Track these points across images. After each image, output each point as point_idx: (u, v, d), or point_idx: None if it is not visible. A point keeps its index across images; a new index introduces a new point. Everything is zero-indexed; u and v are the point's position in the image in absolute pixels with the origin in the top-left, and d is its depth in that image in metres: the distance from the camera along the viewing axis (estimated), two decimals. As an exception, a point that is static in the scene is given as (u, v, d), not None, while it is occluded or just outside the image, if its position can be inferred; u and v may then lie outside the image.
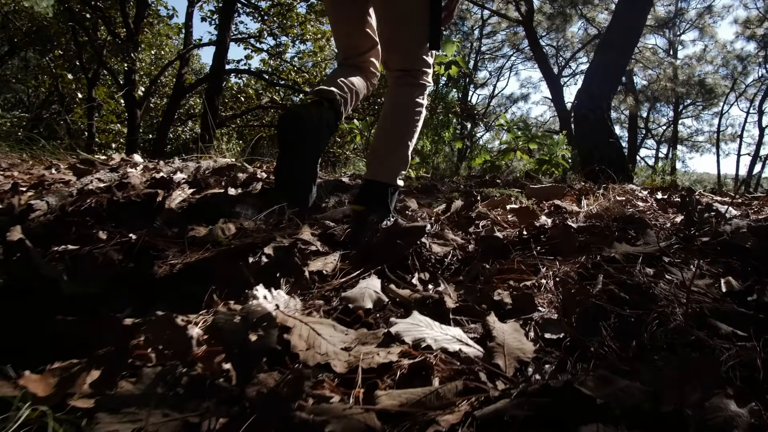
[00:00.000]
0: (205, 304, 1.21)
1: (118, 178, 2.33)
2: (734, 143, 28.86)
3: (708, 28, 23.14)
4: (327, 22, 17.20)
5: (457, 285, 1.32)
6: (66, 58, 15.98)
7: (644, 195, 2.76)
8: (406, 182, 2.78)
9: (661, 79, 20.92)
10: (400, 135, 2.01)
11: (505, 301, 1.22)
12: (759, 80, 25.58)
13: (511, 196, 2.21)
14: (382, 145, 2.03)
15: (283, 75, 17.06)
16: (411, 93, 2.02)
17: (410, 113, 2.02)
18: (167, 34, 18.43)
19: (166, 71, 17.73)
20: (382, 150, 2.02)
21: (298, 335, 1.03)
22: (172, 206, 2.03)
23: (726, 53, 25.27)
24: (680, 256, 1.59)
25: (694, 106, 28.00)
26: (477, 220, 1.92)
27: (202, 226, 1.82)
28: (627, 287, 1.31)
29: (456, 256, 1.50)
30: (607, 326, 1.15)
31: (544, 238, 1.69)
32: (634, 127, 25.10)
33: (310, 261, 1.41)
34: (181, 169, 2.63)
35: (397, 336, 1.05)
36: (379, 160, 2.01)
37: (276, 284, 1.32)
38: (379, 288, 1.28)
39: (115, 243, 1.55)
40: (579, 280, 1.37)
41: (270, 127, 18.38)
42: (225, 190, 2.21)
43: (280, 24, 16.96)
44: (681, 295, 1.34)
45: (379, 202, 1.92)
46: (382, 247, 1.46)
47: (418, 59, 2.02)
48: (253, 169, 3.02)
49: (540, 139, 7.11)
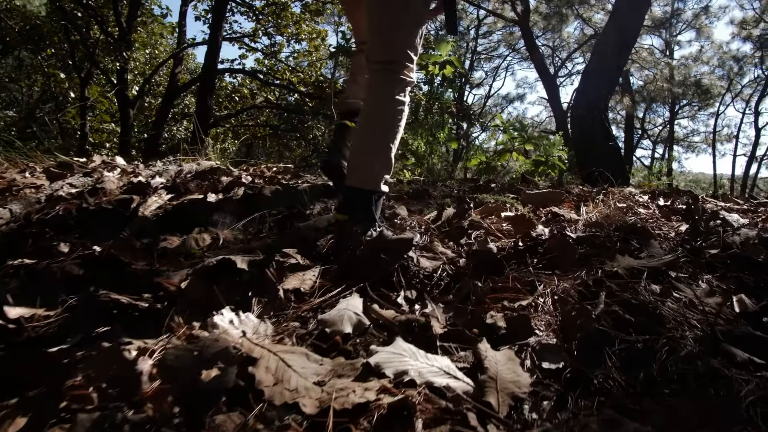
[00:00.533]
0: (166, 327, 1.09)
1: (91, 183, 2.21)
2: (730, 144, 28.87)
3: (705, 28, 23.10)
4: (322, 21, 17.01)
5: (446, 305, 1.21)
6: (59, 57, 15.81)
7: (645, 200, 2.65)
8: (396, 186, 2.66)
9: (657, 79, 20.85)
10: (382, 137, 1.86)
11: (499, 324, 1.11)
12: (755, 81, 25.56)
13: (506, 203, 2.10)
14: (362, 149, 1.89)
15: (278, 74, 16.91)
16: (391, 89, 1.86)
17: (391, 112, 1.86)
18: (161, 33, 18.27)
19: (160, 70, 17.59)
20: (363, 154, 1.88)
21: (264, 368, 0.91)
22: (147, 214, 1.91)
23: (722, 54, 25.24)
24: (688, 270, 1.48)
25: (690, 106, 27.96)
26: (470, 230, 1.81)
27: (175, 236, 1.70)
28: (632, 308, 1.19)
29: (446, 272, 1.38)
30: (612, 354, 1.03)
31: (541, 249, 1.57)
32: (630, 127, 25.04)
33: (286, 277, 1.29)
34: (161, 173, 2.51)
35: (377, 368, 0.93)
36: (361, 165, 1.87)
37: (248, 304, 1.21)
38: (361, 309, 1.17)
39: (77, 256, 1.43)
40: (579, 299, 1.25)
41: (265, 126, 18.26)
42: (204, 196, 2.09)
43: (275, 23, 16.84)
44: (691, 315, 1.23)
45: (362, 211, 1.79)
46: (366, 262, 1.34)
47: (399, 50, 1.86)
48: (238, 173, 2.90)
49: (536, 140, 7.00)
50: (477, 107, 26.18)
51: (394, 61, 1.86)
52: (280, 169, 3.32)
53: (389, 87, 1.86)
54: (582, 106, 7.56)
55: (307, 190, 2.24)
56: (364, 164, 1.86)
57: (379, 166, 1.85)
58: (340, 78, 18.09)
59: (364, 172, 1.85)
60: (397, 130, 1.90)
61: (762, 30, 22.47)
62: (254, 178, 2.82)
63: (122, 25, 13.82)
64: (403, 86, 1.88)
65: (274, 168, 3.35)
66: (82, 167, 2.83)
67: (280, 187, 2.42)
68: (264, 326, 1.08)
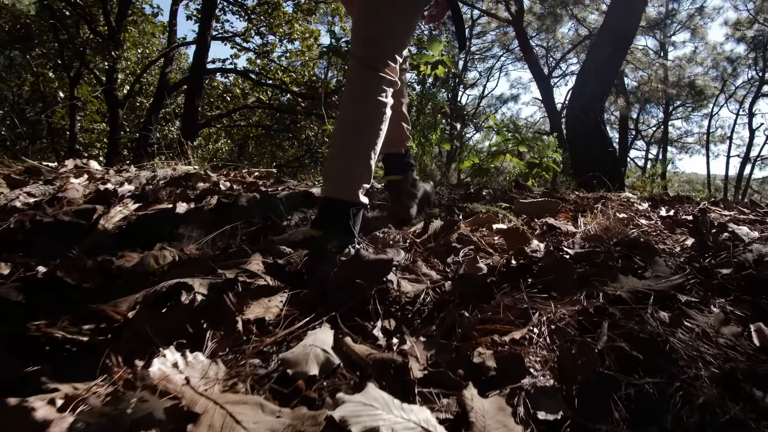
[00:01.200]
0: (102, 368, 0.94)
1: (53, 191, 2.05)
2: (724, 145, 28.90)
3: (699, 29, 23.06)
4: (315, 21, 16.87)
5: (428, 339, 1.06)
6: (48, 57, 15.60)
7: (645, 209, 2.51)
8: (382, 194, 2.51)
9: (652, 80, 20.78)
10: (361, 141, 1.70)
11: (488, 364, 0.96)
12: (749, 82, 25.58)
13: (498, 214, 1.95)
14: (339, 155, 1.73)
15: (270, 74, 16.74)
16: (371, 88, 1.70)
17: (371, 113, 1.71)
18: (153, 33, 18.07)
19: (150, 70, 17.41)
20: (340, 160, 1.71)
21: (208, 426, 0.76)
22: (108, 226, 1.75)
23: (716, 55, 25.24)
24: (698, 293, 1.34)
25: (683, 107, 27.98)
26: (459, 244, 1.66)
27: (135, 252, 1.55)
28: (639, 342, 1.05)
29: (430, 297, 1.23)
30: (618, 400, 0.89)
31: (536, 269, 1.43)
32: (624, 128, 24.96)
33: (248, 305, 1.14)
34: (131, 180, 2.35)
35: (342, 423, 0.78)
36: (337, 172, 1.70)
37: (203, 336, 1.06)
38: (330, 344, 1.02)
39: (16, 279, 1.27)
40: (579, 330, 1.11)
41: (257, 126, 18.09)
42: (173, 205, 1.94)
43: (267, 23, 16.69)
44: (705, 349, 1.09)
45: (339, 225, 1.63)
46: (339, 287, 1.19)
47: (382, 46, 1.73)
48: (217, 178, 2.75)
49: (530, 142, 6.88)
50: (471, 108, 26.04)
51: (376, 58, 1.71)
52: (262, 174, 3.16)
53: (369, 85, 1.71)
54: (577, 106, 7.43)
55: (282, 200, 2.09)
56: (341, 172, 1.70)
57: (358, 173, 1.69)
58: (333, 78, 17.95)
59: (341, 180, 1.68)
60: (378, 134, 1.74)
61: (756, 31, 22.46)
62: (233, 184, 2.66)
63: (111, 24, 13.61)
64: (384, 85, 1.73)
65: (256, 173, 3.19)
66: (52, 172, 2.67)
67: (258, 195, 2.27)
68: (215, 368, 0.93)
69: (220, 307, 1.11)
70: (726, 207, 2.74)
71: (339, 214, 1.64)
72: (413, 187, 2.25)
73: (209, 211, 1.96)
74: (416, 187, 2.28)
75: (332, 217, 1.65)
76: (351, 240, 1.60)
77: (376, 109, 1.71)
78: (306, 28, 17.33)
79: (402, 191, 2.19)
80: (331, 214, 1.65)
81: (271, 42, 17.24)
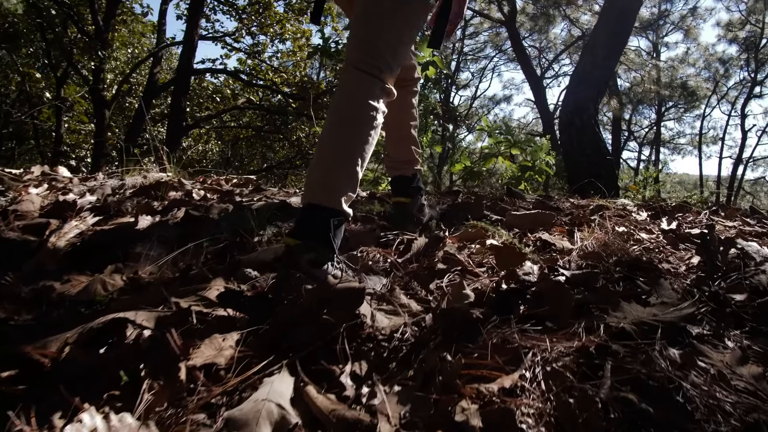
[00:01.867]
0: (8, 428, 0.78)
1: (4, 203, 1.89)
2: (716, 146, 28.93)
3: (692, 30, 23.04)
4: (306, 21, 16.75)
5: (403, 390, 0.91)
6: (35, 57, 15.36)
7: (644, 219, 2.37)
8: (365, 207, 2.36)
9: (645, 81, 20.72)
10: (350, 146, 1.60)
11: (472, 423, 0.81)
12: (740, 83, 25.59)
13: (488, 230, 1.80)
14: (324, 159, 1.62)
15: (261, 75, 16.54)
16: (365, 93, 1.63)
17: (363, 118, 1.62)
18: (141, 33, 17.84)
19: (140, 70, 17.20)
20: (325, 165, 1.60)
21: None
22: (59, 244, 1.59)
23: (708, 56, 25.25)
24: (710, 324, 1.20)
25: (676, 108, 27.98)
26: (443, 264, 1.51)
27: (84, 276, 1.39)
28: (649, 391, 0.90)
29: (408, 333, 1.08)
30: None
31: (529, 294, 1.28)
32: (617, 129, 24.91)
33: (196, 347, 0.98)
34: (94, 190, 2.19)
35: None
36: (321, 178, 1.59)
37: (137, 388, 0.90)
38: (289, 396, 0.87)
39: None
40: (578, 374, 0.96)
41: (247, 127, 17.91)
42: (135, 219, 1.78)
43: (258, 22, 16.52)
44: (723, 395, 0.94)
45: (317, 235, 1.51)
46: (303, 322, 1.04)
47: (381, 53, 1.64)
48: (191, 186, 2.59)
49: (523, 144, 6.75)
50: (463, 108, 25.90)
51: (372, 63, 1.64)
52: (241, 181, 3.00)
53: (364, 90, 1.63)
54: (571, 109, 7.30)
55: (258, 211, 1.93)
56: (324, 177, 1.59)
57: (343, 181, 1.59)
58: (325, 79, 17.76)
59: (324, 186, 1.57)
60: (368, 141, 1.64)
61: (748, 32, 22.46)
62: (208, 192, 2.50)
63: (99, 23, 13.38)
64: (377, 90, 1.65)
65: (234, 180, 3.03)
66: (15, 181, 2.51)
67: (231, 206, 2.11)
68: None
69: (163, 349, 0.96)
70: (728, 216, 2.60)
71: (319, 222, 1.53)
72: (419, 212, 2.21)
73: (175, 225, 1.80)
74: (423, 213, 2.23)
75: (311, 225, 1.55)
76: (330, 254, 1.48)
77: (367, 113, 1.62)
78: (297, 28, 17.17)
79: (407, 215, 2.16)
80: (311, 222, 1.55)
81: (263, 42, 17.09)
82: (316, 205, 1.56)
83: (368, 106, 1.62)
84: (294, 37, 17.11)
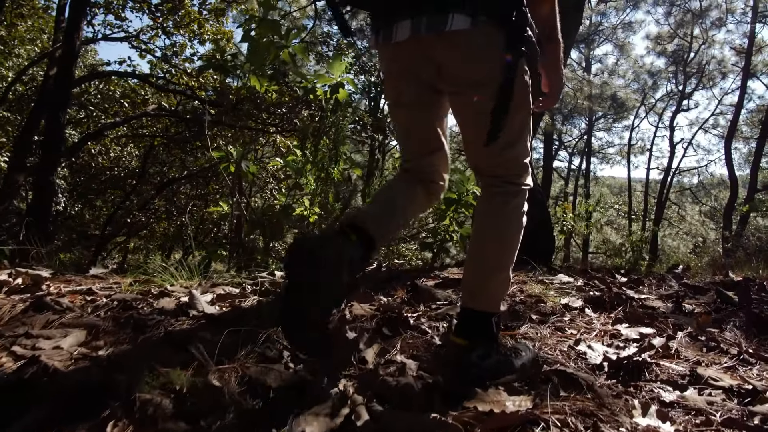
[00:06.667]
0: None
1: None
2: (644, 156, 29.53)
3: (626, 46, 23.23)
4: (228, 21, 15.64)
5: None
6: None
7: (589, 320, 1.57)
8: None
9: (577, 96, 20.61)
10: (504, 256, 1.72)
11: None
12: (668, 95, 26.10)
13: None
14: (484, 269, 1.72)
15: (175, 79, 15.22)
16: (516, 205, 1.73)
17: (506, 230, 1.72)
18: (41, 29, 16.19)
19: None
20: (485, 272, 1.71)
21: None
22: None
23: (637, 68, 25.61)
24: None
25: (605, 118, 28.32)
26: None
27: None
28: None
29: None
30: None
31: None
32: (548, 138, 24.85)
33: None
34: None
35: None
36: (481, 284, 1.71)
37: None
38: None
39: None
40: None
41: (154, 137, 16.57)
42: None
43: (174, 21, 15.34)
44: None
45: (483, 334, 1.67)
46: None
47: (509, 162, 1.73)
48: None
49: (448, 175, 5.98)
50: (395, 116, 25.04)
51: (508, 174, 1.74)
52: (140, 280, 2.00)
53: (514, 201, 1.73)
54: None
55: None
56: (487, 287, 1.70)
57: (503, 288, 1.75)
58: (246, 84, 16.61)
59: (488, 296, 1.70)
60: (518, 243, 1.75)
61: (676, 46, 22.80)
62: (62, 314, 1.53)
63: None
64: (519, 197, 1.75)
65: (129, 280, 2.03)
66: None
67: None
68: None
69: None
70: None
71: (483, 323, 1.67)
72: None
73: None
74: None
75: (477, 327, 1.68)
76: (494, 347, 1.65)
77: (521, 223, 1.74)
78: (219, 29, 16.13)
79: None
80: (477, 325, 1.68)
81: (180, 43, 15.92)
82: (479, 310, 1.68)
83: (521, 215, 1.73)
84: (214, 38, 16.09)
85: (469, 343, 1.63)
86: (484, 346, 1.63)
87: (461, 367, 1.61)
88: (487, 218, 1.73)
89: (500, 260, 1.70)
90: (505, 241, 1.70)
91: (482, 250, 1.73)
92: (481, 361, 1.60)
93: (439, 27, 1.57)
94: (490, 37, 1.59)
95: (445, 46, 1.61)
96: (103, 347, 1.58)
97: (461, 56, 1.62)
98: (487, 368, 1.59)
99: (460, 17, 1.55)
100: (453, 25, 1.55)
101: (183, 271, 2.40)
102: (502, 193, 1.72)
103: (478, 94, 1.62)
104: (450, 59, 1.63)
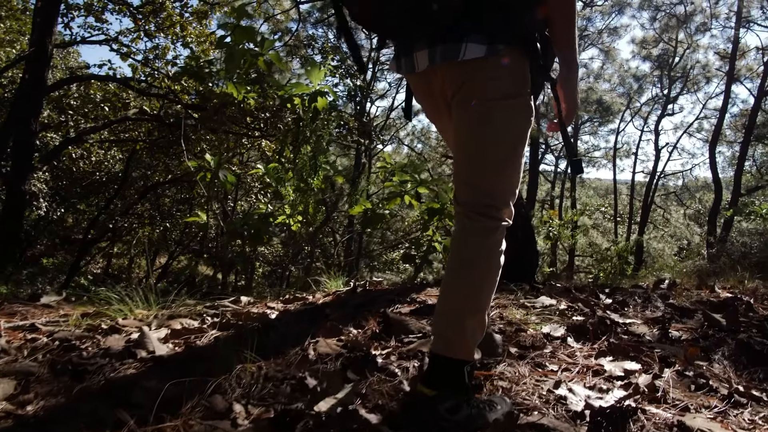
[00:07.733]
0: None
1: None
2: (629, 159, 29.67)
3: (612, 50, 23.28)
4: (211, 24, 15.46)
5: None
6: None
7: (572, 352, 1.44)
8: None
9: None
10: (479, 297, 1.58)
11: None
12: (653, 99, 26.19)
13: None
14: (454, 310, 1.59)
15: (156, 82, 14.98)
16: (493, 241, 1.60)
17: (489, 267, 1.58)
18: (19, 30, 15.91)
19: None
20: (454, 315, 1.57)
21: None
22: None
23: (623, 72, 25.68)
24: None
25: (591, 122, 28.40)
26: None
27: None
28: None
29: None
30: None
31: None
32: (535, 142, 24.85)
33: None
34: None
35: None
36: (452, 330, 1.56)
37: None
38: None
39: None
40: None
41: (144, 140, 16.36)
42: None
43: (156, 23, 15.11)
44: None
45: (454, 384, 1.53)
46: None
47: (488, 193, 1.61)
48: None
49: (431, 184, 5.88)
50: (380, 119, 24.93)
51: (493, 206, 1.62)
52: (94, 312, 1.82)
53: (491, 239, 1.60)
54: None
55: None
56: (457, 332, 1.56)
57: (478, 335, 1.60)
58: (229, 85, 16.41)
59: (458, 343, 1.55)
60: (495, 283, 1.63)
61: (661, 50, 22.87)
62: None
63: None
64: (496, 233, 1.62)
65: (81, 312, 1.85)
66: None
67: None
68: None
69: None
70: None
71: (453, 372, 1.54)
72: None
73: None
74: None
75: (446, 376, 1.55)
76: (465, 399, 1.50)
77: (494, 260, 1.60)
78: (202, 31, 15.93)
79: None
80: (445, 373, 1.55)
81: (163, 45, 15.71)
82: (450, 357, 1.55)
83: (498, 254, 1.61)
84: (198, 41, 15.90)
85: (437, 394, 1.51)
86: (454, 397, 1.50)
87: (429, 421, 1.46)
88: (463, 258, 1.61)
89: (476, 303, 1.58)
90: (482, 283, 1.58)
91: (456, 292, 1.61)
92: (450, 415, 1.45)
93: (453, 56, 1.53)
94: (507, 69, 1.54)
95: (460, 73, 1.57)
96: (33, 401, 1.42)
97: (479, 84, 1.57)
98: (458, 422, 1.44)
99: (473, 46, 1.50)
100: (466, 55, 1.51)
101: (139, 302, 2.25)
102: (481, 229, 1.60)
103: None
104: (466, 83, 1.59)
